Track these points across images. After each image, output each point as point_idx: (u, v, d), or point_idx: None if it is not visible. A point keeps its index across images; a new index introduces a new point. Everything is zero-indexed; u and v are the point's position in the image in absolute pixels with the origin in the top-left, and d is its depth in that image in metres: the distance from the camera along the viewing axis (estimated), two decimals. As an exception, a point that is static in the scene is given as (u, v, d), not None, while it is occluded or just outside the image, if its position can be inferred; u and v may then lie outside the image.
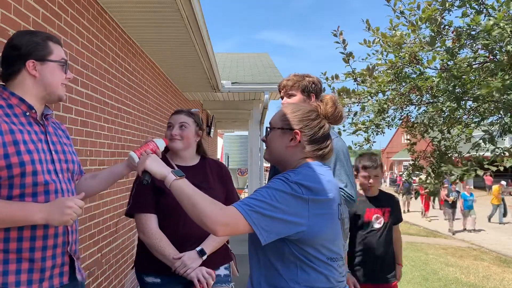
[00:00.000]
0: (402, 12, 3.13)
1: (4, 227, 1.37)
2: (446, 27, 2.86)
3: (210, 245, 2.02)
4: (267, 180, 2.52)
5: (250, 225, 1.25)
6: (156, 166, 1.48)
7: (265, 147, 1.54)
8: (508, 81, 2.42)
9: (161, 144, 1.74)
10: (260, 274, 1.39)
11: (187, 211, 1.34)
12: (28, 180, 1.40)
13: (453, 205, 12.74)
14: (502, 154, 2.79)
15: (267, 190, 1.30)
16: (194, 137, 2.18)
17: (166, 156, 2.22)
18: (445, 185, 12.69)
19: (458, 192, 13.15)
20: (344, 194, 2.07)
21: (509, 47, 2.37)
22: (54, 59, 1.52)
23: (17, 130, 1.40)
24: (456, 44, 2.82)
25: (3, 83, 1.51)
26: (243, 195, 17.56)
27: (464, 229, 12.66)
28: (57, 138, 1.60)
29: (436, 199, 17.88)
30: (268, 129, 1.51)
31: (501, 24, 2.37)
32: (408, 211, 17.05)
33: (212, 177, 2.19)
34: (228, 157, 16.72)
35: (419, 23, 2.87)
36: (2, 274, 1.36)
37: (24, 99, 1.47)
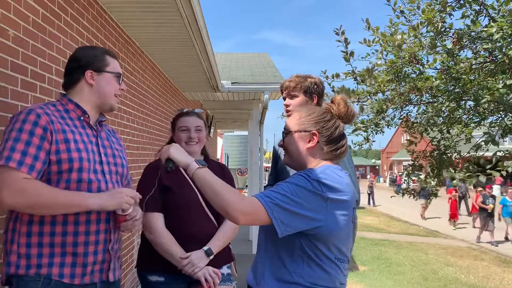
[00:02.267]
0: (402, 12, 3.14)
1: (57, 213, 1.46)
2: (447, 29, 2.86)
3: (216, 245, 2.04)
4: (267, 180, 2.53)
5: (269, 216, 1.29)
6: (180, 154, 1.54)
7: (283, 152, 1.57)
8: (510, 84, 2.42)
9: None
10: (265, 265, 1.42)
11: (209, 198, 1.36)
12: (73, 176, 1.50)
13: (491, 213, 10.75)
14: (505, 155, 2.79)
15: (288, 185, 1.34)
16: (205, 139, 2.22)
17: None
18: (479, 190, 11.41)
19: (494, 197, 11.28)
20: None
21: (510, 51, 2.37)
22: (110, 71, 1.66)
23: (68, 130, 1.53)
24: (457, 46, 2.82)
25: (64, 92, 1.66)
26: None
27: (506, 238, 10.91)
28: (109, 143, 1.72)
29: (464, 205, 15.82)
30: (284, 134, 1.54)
31: (503, 26, 2.37)
32: (425, 218, 15.21)
33: None
34: (228, 157, 16.71)
35: (420, 27, 2.87)
36: (48, 265, 1.46)
37: (79, 105, 1.61)
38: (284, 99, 2.29)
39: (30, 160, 1.41)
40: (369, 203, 20.66)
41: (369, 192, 20.95)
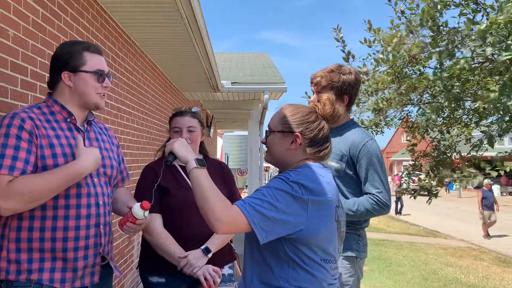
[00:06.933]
0: (403, 12, 3.15)
1: (56, 193, 1.44)
2: (441, 27, 2.87)
3: (214, 243, 2.02)
4: (267, 180, 2.50)
5: (250, 224, 1.27)
6: (182, 150, 1.54)
7: (265, 149, 1.56)
8: (507, 86, 2.42)
9: (138, 211, 1.61)
10: (253, 270, 1.41)
11: (196, 201, 1.36)
12: None
13: None
14: (505, 156, 2.80)
15: (268, 190, 1.32)
16: (200, 138, 2.18)
17: None
18: None
19: None
20: (378, 200, 1.99)
21: (504, 55, 2.34)
22: (87, 70, 1.57)
23: (53, 135, 1.50)
24: (452, 45, 2.83)
25: (50, 91, 1.62)
26: (243, 195, 17.55)
27: None
28: (98, 143, 1.67)
29: None
30: (268, 131, 1.52)
31: (493, 31, 2.37)
32: (489, 235, 11.06)
33: (214, 177, 2.18)
34: (227, 157, 16.70)
35: (419, 28, 2.88)
36: (38, 271, 1.45)
37: (65, 107, 1.57)
38: (313, 92, 2.14)
39: (21, 164, 1.40)
40: (396, 212, 16.10)
41: (396, 197, 15.76)
